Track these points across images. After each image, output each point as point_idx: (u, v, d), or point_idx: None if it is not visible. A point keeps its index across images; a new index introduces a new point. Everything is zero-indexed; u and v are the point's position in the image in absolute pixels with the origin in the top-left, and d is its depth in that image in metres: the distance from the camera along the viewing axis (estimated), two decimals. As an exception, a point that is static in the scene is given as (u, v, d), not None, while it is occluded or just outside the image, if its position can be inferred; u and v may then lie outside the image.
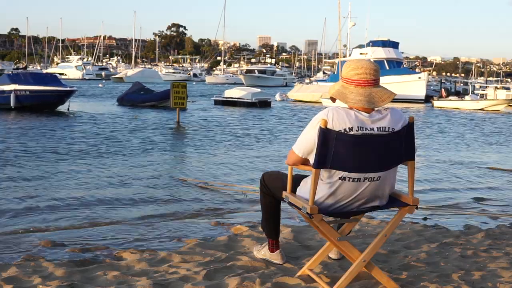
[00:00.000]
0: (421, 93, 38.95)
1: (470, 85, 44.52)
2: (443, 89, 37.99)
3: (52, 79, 23.42)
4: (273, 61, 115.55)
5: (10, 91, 21.13)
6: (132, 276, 3.42)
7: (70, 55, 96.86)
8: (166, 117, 20.50)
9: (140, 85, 28.33)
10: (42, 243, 4.52)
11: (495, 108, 32.71)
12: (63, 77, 69.33)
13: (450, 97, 35.82)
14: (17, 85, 21.33)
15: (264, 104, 28.96)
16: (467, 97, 35.34)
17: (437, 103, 34.76)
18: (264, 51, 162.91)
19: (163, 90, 27.05)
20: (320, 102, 33.44)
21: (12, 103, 21.05)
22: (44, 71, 61.18)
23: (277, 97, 37.22)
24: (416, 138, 3.07)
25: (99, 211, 6.02)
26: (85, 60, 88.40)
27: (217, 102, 30.27)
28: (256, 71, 76.08)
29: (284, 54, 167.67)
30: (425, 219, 5.70)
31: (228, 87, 35.12)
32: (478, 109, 32.33)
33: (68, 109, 22.00)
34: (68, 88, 22.42)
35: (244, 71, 79.83)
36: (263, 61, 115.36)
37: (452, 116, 26.92)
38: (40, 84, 21.78)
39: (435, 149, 13.35)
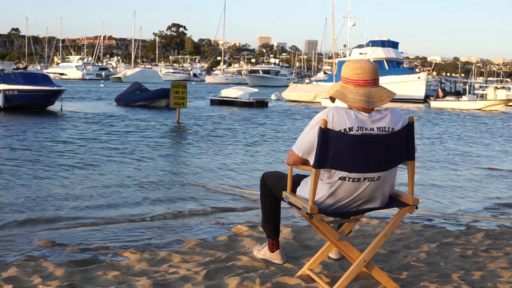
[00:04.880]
0: (421, 93, 38.97)
1: (468, 85, 44.45)
2: (440, 89, 37.96)
3: (43, 79, 23.30)
4: (276, 61, 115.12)
5: (0, 91, 21.23)
6: (132, 276, 3.42)
7: (70, 55, 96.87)
8: (159, 116, 20.45)
9: (138, 85, 28.24)
10: (42, 243, 4.52)
11: (493, 108, 32.66)
12: (63, 77, 69.69)
13: (447, 97, 35.78)
14: (6, 84, 21.38)
15: (262, 104, 28.71)
16: (464, 97, 35.27)
17: (434, 104, 34.70)
18: (264, 51, 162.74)
19: (154, 90, 26.92)
20: (315, 102, 33.34)
21: (1, 103, 21.16)
22: (45, 71, 61.30)
23: (273, 96, 37.22)
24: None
25: (99, 211, 6.02)
26: (85, 60, 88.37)
27: (213, 102, 29.43)
28: (260, 71, 76.11)
29: (284, 54, 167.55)
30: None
31: (228, 87, 35.04)
32: (476, 109, 32.29)
33: (61, 109, 21.98)
34: (55, 88, 22.29)
35: (249, 71, 79.83)
36: (266, 61, 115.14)
37: (448, 116, 26.86)
38: (29, 83, 21.74)
39: (432, 149, 13.36)
